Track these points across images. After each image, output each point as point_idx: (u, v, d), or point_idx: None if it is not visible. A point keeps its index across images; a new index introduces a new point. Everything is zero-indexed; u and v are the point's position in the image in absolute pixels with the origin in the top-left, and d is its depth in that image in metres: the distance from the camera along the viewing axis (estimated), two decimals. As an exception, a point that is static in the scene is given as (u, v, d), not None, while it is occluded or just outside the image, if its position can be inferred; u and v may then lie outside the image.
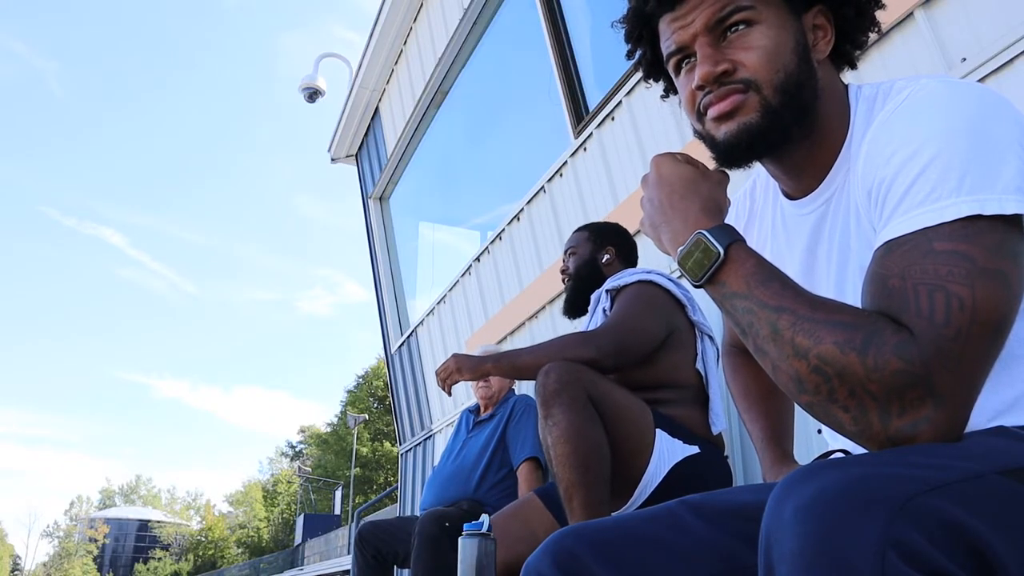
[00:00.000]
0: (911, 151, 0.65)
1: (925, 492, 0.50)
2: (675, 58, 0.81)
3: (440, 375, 1.78)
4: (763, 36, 0.75)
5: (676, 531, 0.78)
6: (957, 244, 0.60)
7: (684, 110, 0.82)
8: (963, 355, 0.57)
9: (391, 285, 5.83)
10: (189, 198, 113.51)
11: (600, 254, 2.05)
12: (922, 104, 0.68)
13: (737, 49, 0.75)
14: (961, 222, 0.60)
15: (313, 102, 6.17)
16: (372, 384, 35.63)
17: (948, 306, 0.58)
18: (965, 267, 0.59)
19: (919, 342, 0.57)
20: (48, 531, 63.37)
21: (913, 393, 0.57)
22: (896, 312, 0.60)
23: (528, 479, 2.46)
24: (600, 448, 1.49)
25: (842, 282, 0.78)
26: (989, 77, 1.62)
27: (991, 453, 0.56)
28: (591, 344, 1.64)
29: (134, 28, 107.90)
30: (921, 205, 0.62)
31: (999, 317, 0.59)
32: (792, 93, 0.75)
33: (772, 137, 0.76)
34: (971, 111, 0.65)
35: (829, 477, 0.51)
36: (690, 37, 0.78)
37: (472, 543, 1.45)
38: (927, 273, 0.60)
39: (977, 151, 0.62)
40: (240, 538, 50.96)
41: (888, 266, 0.63)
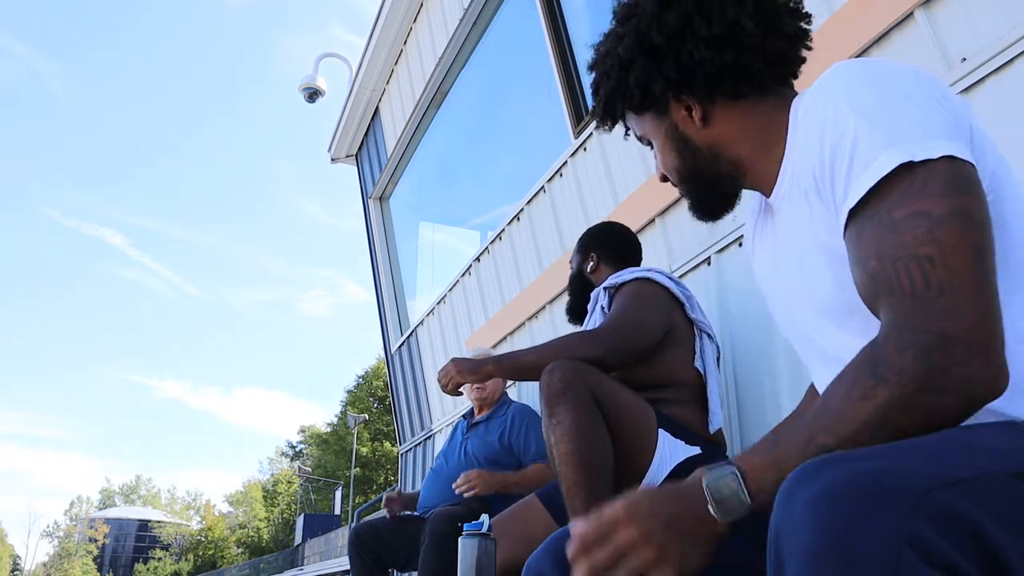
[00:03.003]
0: (840, 125, 0.71)
1: (941, 487, 0.49)
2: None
3: (441, 381, 1.78)
4: (656, 149, 0.96)
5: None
6: (911, 204, 0.64)
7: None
8: (956, 301, 0.60)
9: (391, 285, 5.83)
10: (190, 199, 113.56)
11: (585, 263, 2.09)
12: (838, 82, 0.75)
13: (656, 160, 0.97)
14: (906, 180, 0.65)
15: (313, 102, 6.17)
16: (372, 384, 35.62)
17: (922, 270, 0.62)
18: (924, 224, 0.63)
19: (913, 322, 0.61)
20: (48, 531, 63.40)
21: (944, 362, 0.59)
22: (885, 298, 0.65)
23: (541, 471, 2.46)
24: (603, 448, 1.49)
25: (802, 258, 0.83)
26: (989, 77, 1.63)
27: (1007, 453, 0.56)
28: (593, 343, 1.65)
29: (135, 30, 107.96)
30: (864, 169, 0.68)
31: (972, 250, 0.62)
32: (690, 177, 0.93)
33: (708, 205, 0.95)
34: (886, 80, 0.72)
35: (841, 470, 0.50)
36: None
37: (472, 543, 1.45)
38: (896, 246, 0.64)
39: (897, 111, 0.69)
40: (240, 538, 50.94)
41: (864, 248, 0.68)
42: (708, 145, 0.90)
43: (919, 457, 0.52)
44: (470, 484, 2.39)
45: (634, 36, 0.90)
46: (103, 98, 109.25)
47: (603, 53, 0.96)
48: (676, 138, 0.92)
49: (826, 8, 2.03)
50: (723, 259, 2.34)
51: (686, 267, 2.49)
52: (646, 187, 2.71)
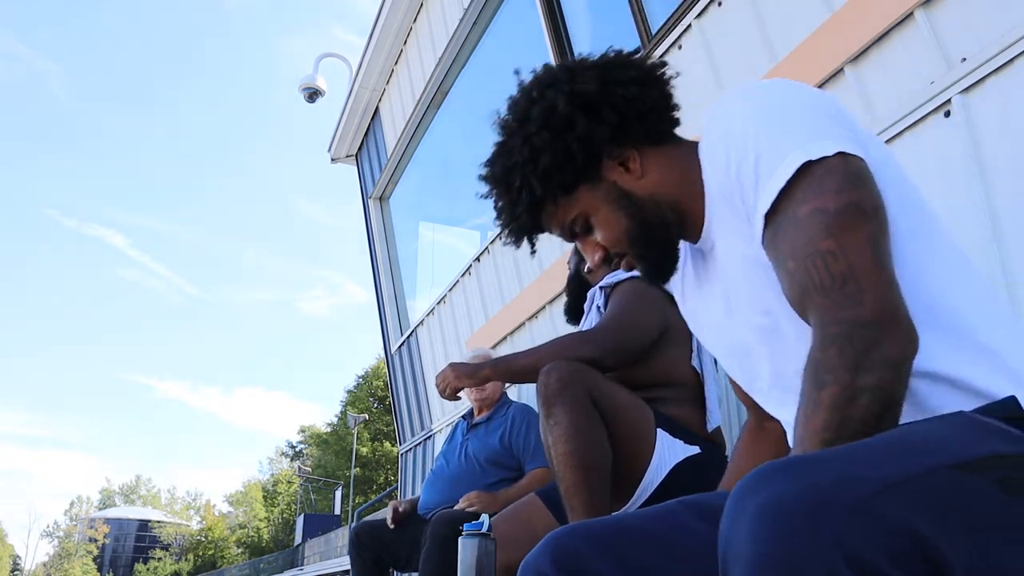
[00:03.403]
0: (741, 141, 0.77)
1: (879, 496, 0.50)
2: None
3: (439, 387, 1.78)
4: (597, 223, 0.92)
5: (676, 530, 0.78)
6: (811, 202, 0.70)
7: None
8: (859, 287, 0.66)
9: (391, 285, 5.83)
10: (190, 199, 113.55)
11: (583, 264, 2.09)
12: (730, 105, 0.81)
13: (596, 236, 0.93)
14: (806, 179, 0.71)
15: (313, 102, 6.17)
16: (372, 384, 35.62)
17: (826, 264, 0.68)
18: (823, 220, 0.69)
19: (828, 317, 0.67)
20: (48, 531, 63.42)
21: (864, 345, 0.64)
22: (806, 300, 0.70)
23: (539, 478, 2.46)
24: (602, 448, 1.49)
25: (740, 281, 0.86)
26: (989, 77, 1.63)
27: (942, 444, 0.57)
28: (590, 343, 1.64)
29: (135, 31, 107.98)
30: (770, 177, 0.73)
31: (866, 238, 0.68)
32: (643, 233, 0.90)
33: (663, 260, 0.92)
34: (771, 93, 0.79)
35: (781, 484, 0.51)
36: (566, 239, 0.98)
37: (472, 543, 1.45)
38: (804, 244, 0.70)
39: (784, 126, 0.75)
40: (240, 538, 50.95)
41: (782, 249, 0.73)
42: (649, 195, 0.90)
43: (860, 463, 0.53)
44: (469, 504, 2.39)
45: (563, 100, 0.88)
46: (103, 98, 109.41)
47: (520, 142, 0.90)
48: (619, 196, 0.90)
49: (826, 8, 2.03)
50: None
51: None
52: (646, 187, 2.71)
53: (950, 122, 1.72)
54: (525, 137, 0.89)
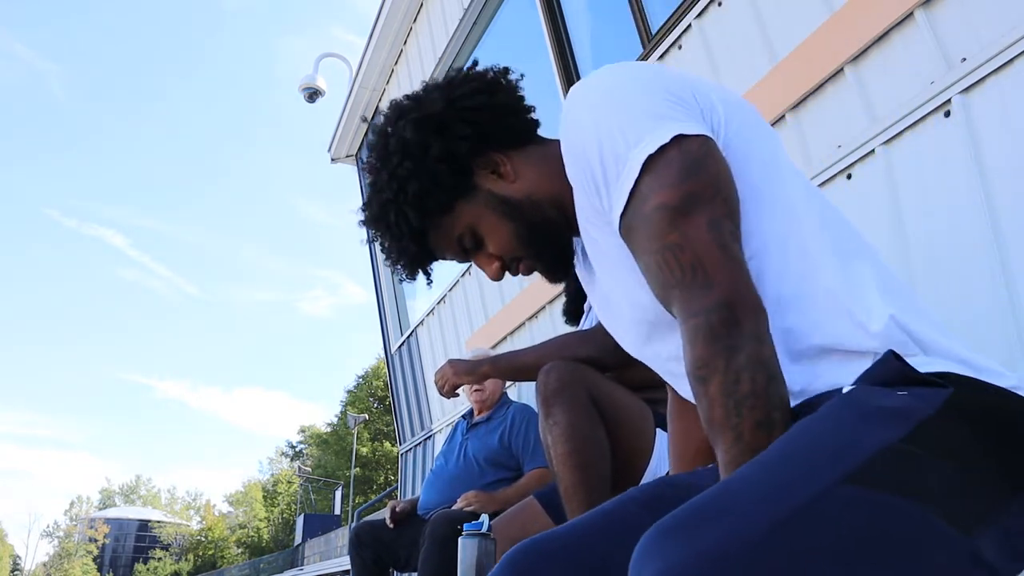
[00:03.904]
0: (588, 145, 0.78)
1: (765, 539, 0.49)
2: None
3: (438, 383, 1.78)
4: (483, 233, 0.92)
5: (626, 527, 0.78)
6: (655, 197, 0.72)
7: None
8: (707, 274, 0.69)
9: (391, 285, 5.83)
10: (190, 200, 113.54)
11: None
12: (573, 107, 0.82)
13: (487, 248, 0.93)
14: (650, 173, 0.73)
15: (313, 102, 6.17)
16: (372, 384, 35.63)
17: (675, 257, 0.70)
18: (666, 215, 0.71)
19: (687, 310, 0.69)
20: (48, 531, 63.41)
21: (723, 329, 0.67)
22: (666, 294, 0.73)
23: (538, 479, 2.46)
24: (601, 448, 1.48)
25: (617, 277, 0.87)
26: (989, 77, 1.63)
27: (827, 451, 0.56)
28: (590, 342, 1.64)
29: (135, 31, 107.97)
30: (618, 177, 0.75)
31: (707, 225, 0.70)
32: (530, 235, 0.91)
33: (558, 258, 0.94)
34: (608, 86, 0.79)
35: (673, 554, 0.51)
36: (461, 261, 0.97)
37: (472, 543, 1.45)
38: (652, 240, 0.73)
39: (622, 118, 0.76)
40: (240, 538, 50.96)
41: (635, 244, 0.76)
42: (527, 196, 0.90)
43: (745, 503, 0.53)
44: (467, 503, 2.39)
45: (412, 127, 0.89)
46: (103, 98, 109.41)
47: (386, 178, 0.91)
48: (498, 203, 0.90)
49: (826, 8, 2.03)
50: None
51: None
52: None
53: (950, 122, 1.72)
54: (390, 172, 0.90)
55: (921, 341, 0.70)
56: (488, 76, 0.95)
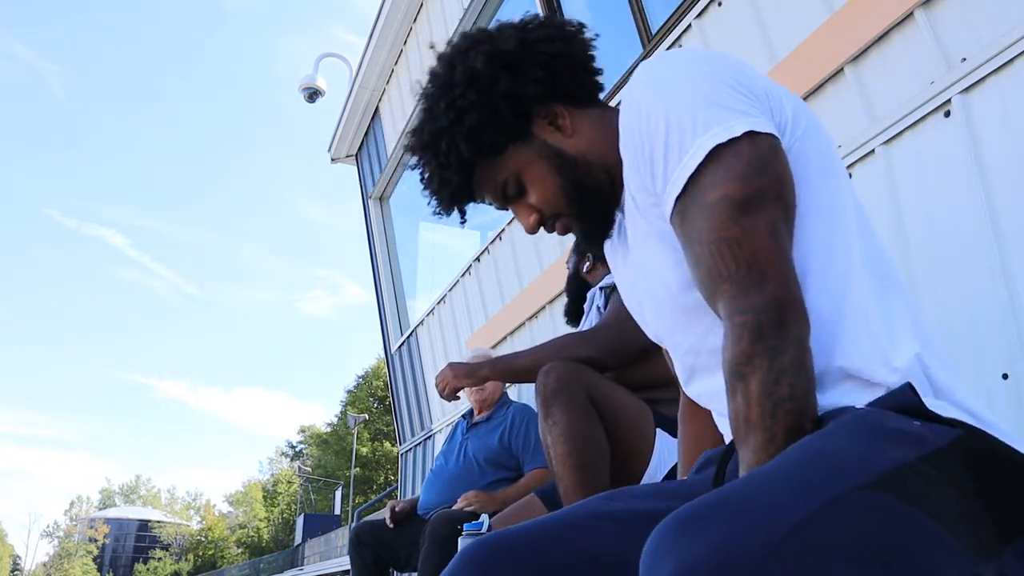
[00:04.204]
0: (653, 122, 0.76)
1: (783, 540, 0.49)
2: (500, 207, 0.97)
3: (439, 387, 1.78)
4: (529, 183, 0.90)
5: (580, 531, 0.78)
6: (719, 188, 0.71)
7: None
8: (761, 273, 0.68)
9: (391, 285, 5.83)
10: (190, 199, 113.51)
11: (582, 263, 2.09)
12: (643, 81, 0.80)
13: (527, 200, 0.92)
14: (716, 162, 0.72)
15: (313, 102, 6.17)
16: (372, 384, 35.62)
17: (731, 250, 0.70)
18: (728, 208, 0.70)
19: (734, 306, 0.69)
20: (48, 531, 63.41)
21: (770, 329, 0.67)
22: (711, 287, 0.72)
23: (538, 479, 2.46)
24: (600, 448, 1.48)
25: (654, 256, 0.85)
26: (989, 77, 1.62)
27: (848, 465, 0.56)
28: (589, 343, 1.64)
29: (135, 31, 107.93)
30: (679, 160, 0.74)
31: (768, 226, 0.70)
32: (577, 192, 0.89)
33: (599, 222, 0.92)
34: (684, 69, 0.78)
35: (691, 546, 0.50)
36: (499, 207, 0.96)
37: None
38: (710, 230, 0.71)
39: (695, 103, 0.74)
40: (240, 538, 50.96)
41: (688, 232, 0.74)
42: (581, 154, 0.89)
43: (764, 504, 0.52)
44: (467, 503, 2.40)
45: (484, 59, 0.87)
46: (103, 98, 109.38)
47: (445, 106, 0.88)
48: (551, 154, 0.89)
49: (826, 8, 2.03)
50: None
51: (686, 267, 2.49)
52: (646, 187, 2.71)
53: (950, 122, 1.72)
54: (449, 101, 0.87)
55: (937, 384, 0.69)
56: (566, 27, 0.92)
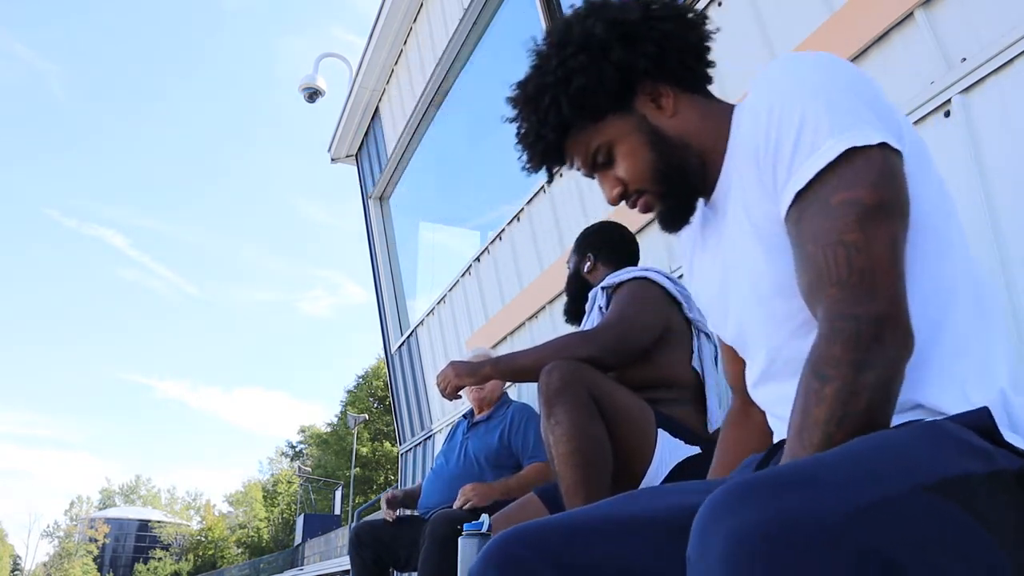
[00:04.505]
0: (787, 111, 0.76)
1: (846, 519, 0.49)
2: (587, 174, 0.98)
3: (440, 384, 1.78)
4: (620, 155, 0.91)
5: (617, 525, 0.78)
6: (846, 192, 0.70)
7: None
8: (873, 285, 0.67)
9: (391, 285, 5.83)
10: (190, 200, 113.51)
11: (583, 263, 2.09)
12: (783, 72, 0.79)
13: (615, 172, 0.92)
14: (846, 166, 0.71)
15: (313, 102, 6.17)
16: (372, 384, 35.62)
17: (847, 255, 0.69)
18: (854, 212, 0.69)
19: (838, 310, 0.68)
20: (48, 531, 63.41)
21: (867, 342, 0.66)
22: (817, 287, 0.71)
23: (539, 471, 2.46)
24: (602, 447, 1.49)
25: (746, 249, 0.85)
26: (989, 77, 1.62)
27: (915, 462, 0.56)
28: (591, 342, 1.65)
29: (135, 31, 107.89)
30: (810, 155, 0.73)
31: (890, 239, 0.69)
32: (667, 172, 0.89)
33: (682, 205, 0.92)
34: (826, 70, 0.77)
35: (749, 511, 0.50)
36: (585, 173, 0.97)
37: (472, 543, 1.45)
38: (829, 232, 0.70)
39: (834, 104, 0.74)
40: (240, 538, 50.95)
41: (803, 230, 0.73)
42: (678, 135, 0.90)
43: (830, 483, 0.52)
44: (466, 498, 2.40)
45: (603, 25, 0.88)
46: (103, 98, 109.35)
47: (555, 63, 0.89)
48: (648, 131, 0.90)
49: (826, 8, 2.03)
50: (723, 259, 2.34)
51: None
52: (646, 187, 2.71)
53: (950, 122, 1.72)
54: (561, 59, 0.89)
55: (1017, 421, 0.69)
56: (687, 12, 0.92)
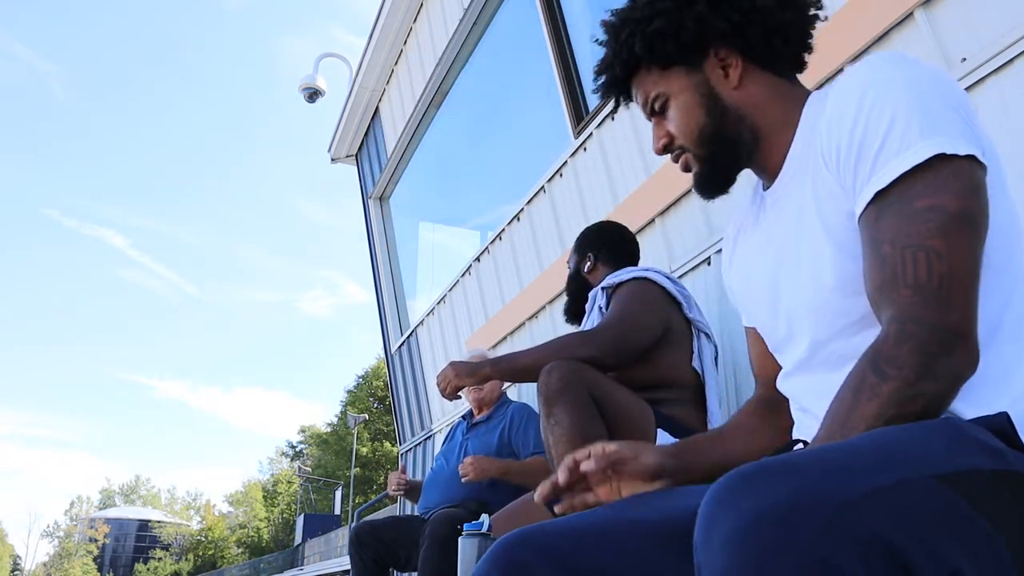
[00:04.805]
0: (878, 107, 0.74)
1: (854, 502, 0.49)
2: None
3: (440, 384, 1.78)
4: (675, 108, 0.93)
5: (622, 528, 0.77)
6: (932, 197, 0.69)
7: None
8: (952, 294, 0.66)
9: (391, 285, 5.83)
10: (190, 200, 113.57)
11: (583, 263, 2.09)
12: (878, 69, 0.78)
13: (667, 123, 0.94)
14: (933, 172, 0.70)
15: (313, 102, 6.17)
16: (372, 384, 35.62)
17: (928, 261, 0.67)
18: (939, 219, 0.68)
19: (912, 313, 0.66)
20: (48, 531, 63.40)
21: (937, 350, 0.64)
22: (889, 289, 0.69)
23: (542, 462, 2.47)
24: (601, 448, 1.48)
25: (802, 239, 0.84)
26: (989, 77, 1.62)
27: (926, 454, 0.56)
28: (591, 342, 1.64)
29: (135, 31, 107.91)
30: (897, 154, 0.71)
31: (971, 250, 0.68)
32: (713, 138, 0.91)
33: (720, 173, 0.93)
34: (921, 75, 0.76)
35: (756, 498, 0.50)
36: (644, 114, 0.98)
37: (472, 543, 1.45)
38: (910, 235, 0.69)
39: (927, 107, 0.73)
40: (240, 538, 50.95)
41: (881, 231, 0.72)
42: (736, 107, 0.90)
43: (833, 469, 0.52)
44: (464, 470, 2.41)
45: None
46: (103, 98, 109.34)
47: (645, 2, 0.93)
48: (706, 93, 0.91)
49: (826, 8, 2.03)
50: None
51: (686, 267, 2.49)
52: (646, 187, 2.71)
53: (950, 122, 1.72)
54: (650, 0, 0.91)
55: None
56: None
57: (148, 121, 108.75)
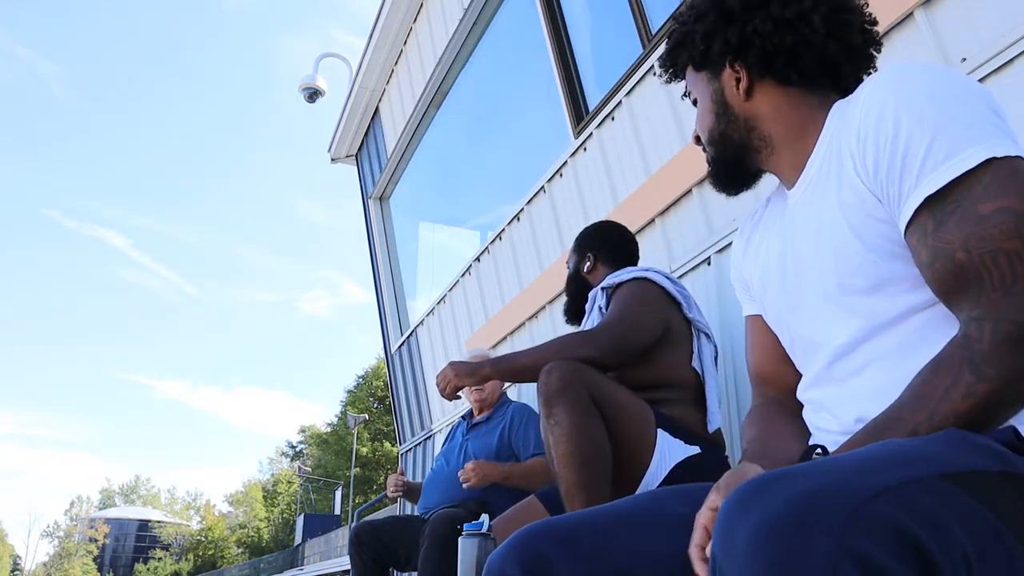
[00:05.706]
0: (913, 124, 0.74)
1: (870, 499, 0.50)
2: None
3: (440, 384, 1.78)
4: (699, 108, 1.02)
5: (641, 525, 0.78)
6: (997, 200, 0.68)
7: None
8: None
9: (391, 285, 5.83)
10: (190, 200, 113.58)
11: (582, 263, 2.09)
12: (912, 77, 0.77)
13: (696, 119, 1.03)
14: (990, 175, 0.69)
15: (313, 102, 6.17)
16: (372, 384, 35.62)
17: (1010, 264, 0.67)
18: (1011, 221, 0.67)
19: (1003, 314, 0.66)
20: (48, 531, 63.39)
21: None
22: (972, 290, 0.68)
23: (543, 463, 2.47)
24: (602, 448, 1.48)
25: (820, 242, 0.85)
26: (989, 77, 1.62)
27: (933, 458, 0.58)
28: (590, 343, 1.64)
29: (135, 31, 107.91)
30: (947, 159, 0.71)
31: None
32: (718, 141, 0.99)
33: (727, 173, 1.00)
34: (957, 82, 0.76)
35: (775, 498, 0.51)
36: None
37: (472, 543, 1.45)
38: (984, 240, 0.68)
39: (968, 113, 0.73)
40: (240, 538, 50.96)
41: (949, 238, 0.71)
42: (745, 116, 0.96)
43: (851, 470, 0.53)
44: (466, 476, 2.41)
45: (741, 3, 0.95)
46: (103, 99, 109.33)
47: (689, 4, 1.01)
48: (718, 101, 0.98)
49: (826, 8, 2.03)
50: (723, 259, 2.34)
51: (686, 267, 2.49)
52: (646, 187, 2.71)
53: (950, 122, 1.72)
54: (714, 3, 0.98)
55: None
56: (798, 15, 0.92)
57: (148, 121, 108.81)
